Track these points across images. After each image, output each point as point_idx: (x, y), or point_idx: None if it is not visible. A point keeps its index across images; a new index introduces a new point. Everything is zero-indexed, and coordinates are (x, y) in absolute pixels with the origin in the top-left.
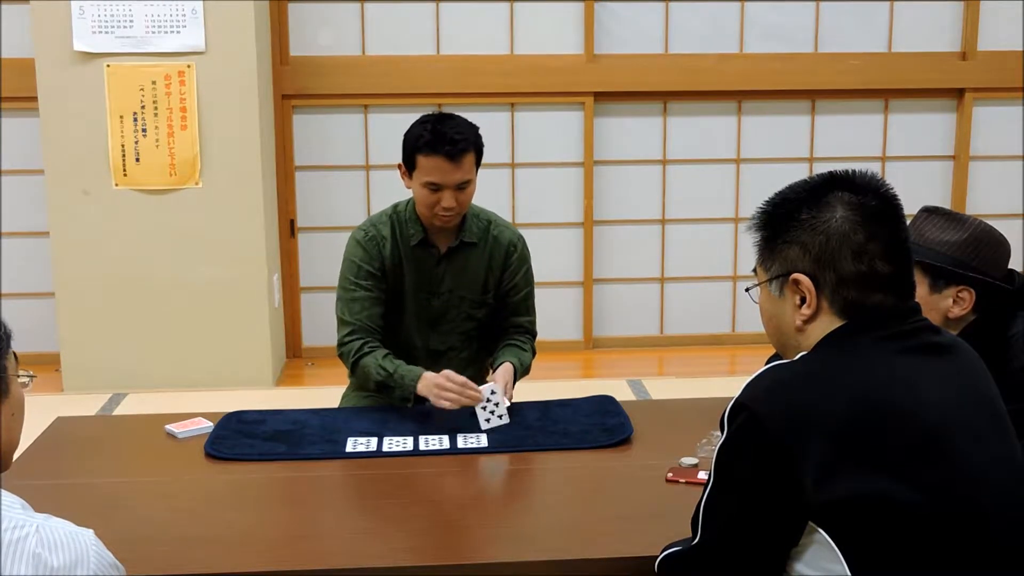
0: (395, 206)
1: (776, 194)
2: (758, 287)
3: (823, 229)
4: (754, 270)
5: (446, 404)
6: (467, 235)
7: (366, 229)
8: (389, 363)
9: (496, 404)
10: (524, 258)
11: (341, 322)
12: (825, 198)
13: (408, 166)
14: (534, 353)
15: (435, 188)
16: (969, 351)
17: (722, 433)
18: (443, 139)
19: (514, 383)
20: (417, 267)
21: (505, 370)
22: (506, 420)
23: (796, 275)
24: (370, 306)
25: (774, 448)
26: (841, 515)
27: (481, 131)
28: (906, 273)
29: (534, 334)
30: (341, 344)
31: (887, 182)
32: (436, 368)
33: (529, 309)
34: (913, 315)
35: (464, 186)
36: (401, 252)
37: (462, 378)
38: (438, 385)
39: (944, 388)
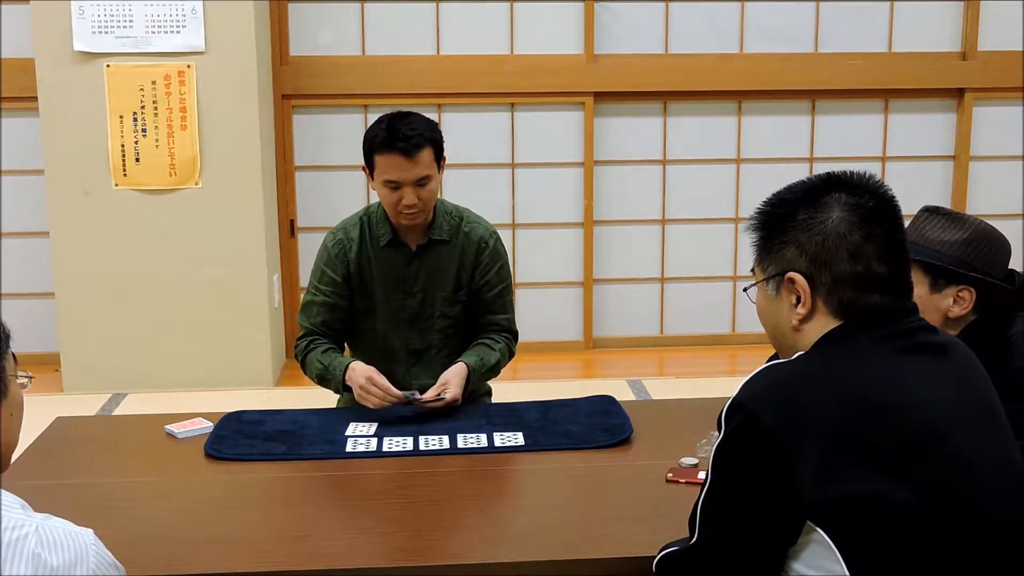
0: (367, 207)
1: (774, 195)
2: (756, 286)
3: (820, 230)
4: (752, 270)
5: (368, 404)
6: (437, 232)
7: (335, 232)
8: (325, 357)
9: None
10: (497, 254)
11: (299, 324)
12: (822, 199)
13: (368, 167)
14: (510, 352)
15: (394, 186)
16: (966, 351)
17: (719, 432)
18: (397, 135)
19: (467, 383)
20: (389, 267)
21: (458, 371)
22: (520, 442)
23: (791, 274)
24: (326, 311)
25: (771, 447)
26: (839, 514)
27: (478, 131)
28: (903, 274)
29: (513, 332)
30: (295, 347)
31: (885, 183)
32: (417, 368)
33: (505, 306)
34: (910, 315)
35: (424, 182)
36: (371, 253)
37: (384, 382)
38: (361, 386)
39: (941, 388)
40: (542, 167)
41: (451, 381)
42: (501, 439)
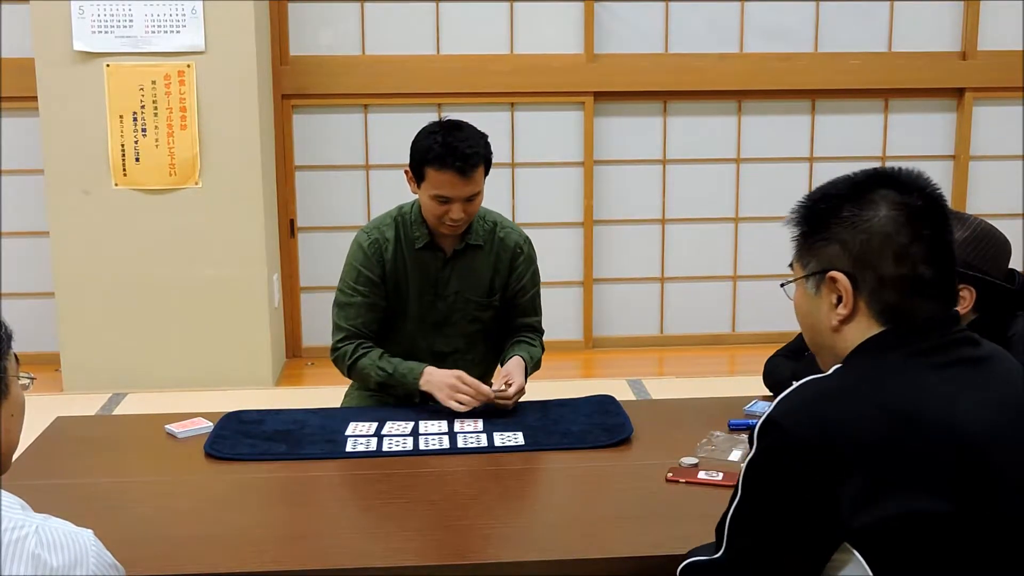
0: (400, 208)
1: (817, 189)
2: (793, 283)
3: (865, 228)
4: (790, 265)
5: (457, 407)
6: (473, 238)
7: (369, 232)
8: (387, 363)
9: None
10: (531, 259)
11: (336, 327)
12: (869, 195)
13: (417, 175)
14: (543, 349)
15: (444, 201)
16: (1008, 360)
17: (751, 448)
18: (454, 153)
19: (526, 376)
20: (422, 270)
21: (517, 363)
22: (520, 442)
23: (833, 273)
24: (365, 312)
25: (808, 466)
26: (878, 535)
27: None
28: (949, 278)
29: (542, 332)
30: (334, 349)
31: (933, 181)
32: None
33: (536, 309)
34: (952, 326)
35: (473, 198)
36: (405, 255)
37: (475, 380)
38: (451, 387)
39: (984, 402)
40: (542, 167)
41: (513, 372)
42: (501, 439)
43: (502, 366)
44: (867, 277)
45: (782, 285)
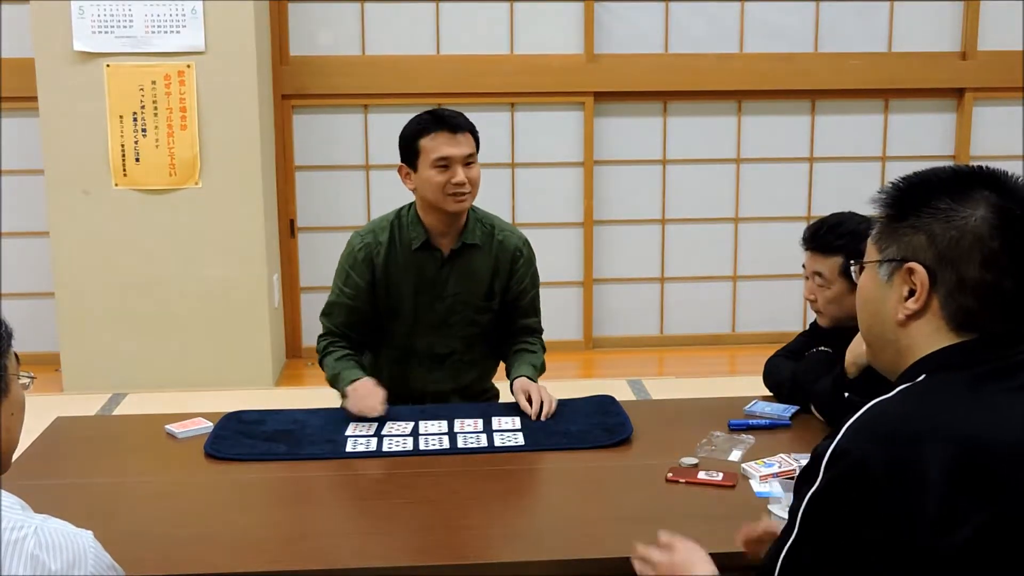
0: (399, 211)
1: (915, 174)
2: (865, 266)
3: (958, 225)
4: (862, 247)
5: (364, 409)
6: (469, 237)
7: (363, 236)
8: (340, 363)
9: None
10: (530, 261)
11: (321, 324)
12: (970, 192)
13: (411, 159)
14: (544, 350)
15: (444, 165)
16: None
17: (817, 480)
18: (442, 118)
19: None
20: (420, 271)
21: (529, 383)
22: (520, 442)
23: (912, 264)
24: (347, 314)
25: (880, 497)
26: (950, 564)
27: (479, 131)
28: None
29: (541, 332)
30: (317, 344)
31: None
32: (438, 372)
33: (536, 310)
34: (1019, 344)
35: (470, 162)
36: (400, 257)
37: (381, 397)
38: (369, 407)
39: None
40: (542, 167)
41: (531, 389)
42: (501, 439)
43: (508, 375)
44: (947, 276)
45: (852, 266)
